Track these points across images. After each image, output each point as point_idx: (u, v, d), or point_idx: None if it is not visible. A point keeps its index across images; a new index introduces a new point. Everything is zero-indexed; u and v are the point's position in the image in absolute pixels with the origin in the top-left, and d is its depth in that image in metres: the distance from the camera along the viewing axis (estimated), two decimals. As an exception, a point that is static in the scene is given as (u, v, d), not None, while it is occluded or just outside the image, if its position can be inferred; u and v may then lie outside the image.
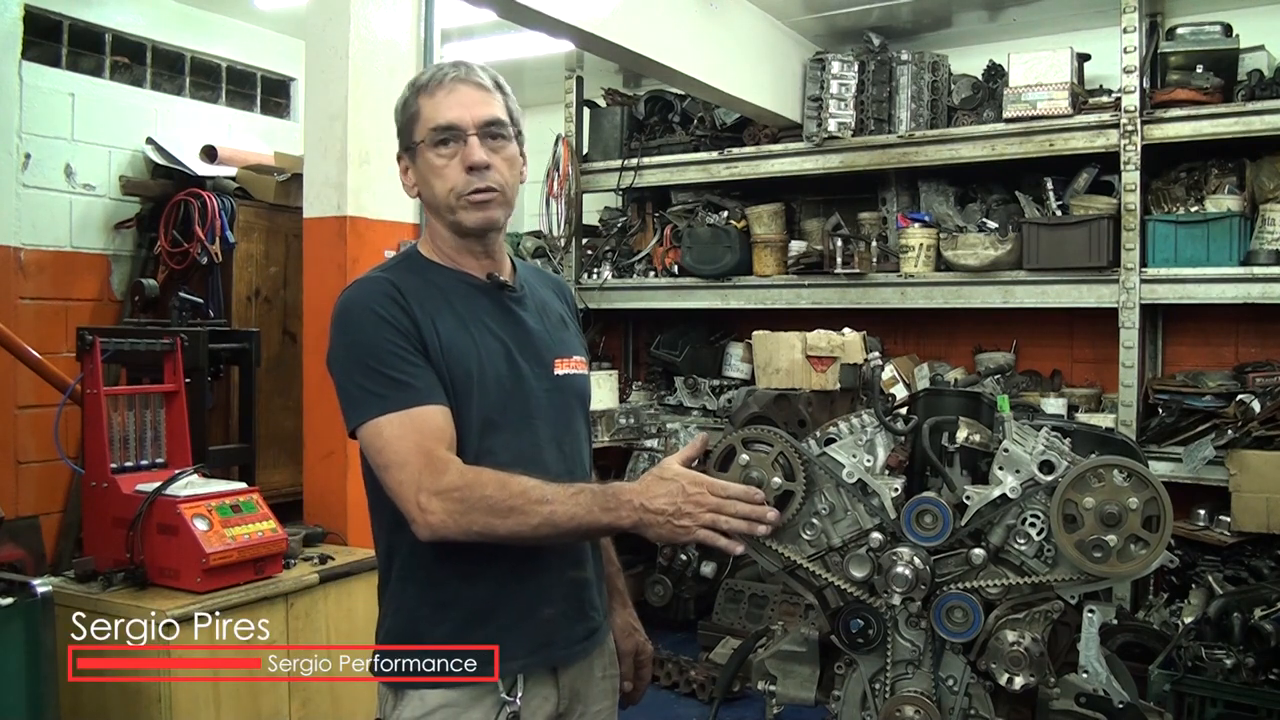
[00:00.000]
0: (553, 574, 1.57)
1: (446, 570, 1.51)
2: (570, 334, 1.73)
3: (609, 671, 1.73)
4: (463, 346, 1.53)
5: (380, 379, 1.46)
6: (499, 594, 1.53)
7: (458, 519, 1.40)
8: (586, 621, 1.65)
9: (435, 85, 1.57)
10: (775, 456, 2.03)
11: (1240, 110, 3.88)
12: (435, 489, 1.40)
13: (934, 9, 4.63)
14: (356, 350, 1.49)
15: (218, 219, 4.41)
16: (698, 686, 4.00)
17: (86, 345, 2.82)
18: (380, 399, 1.45)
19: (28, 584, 2.32)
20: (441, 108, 1.55)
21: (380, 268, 1.63)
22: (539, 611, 1.55)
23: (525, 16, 3.42)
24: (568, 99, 5.49)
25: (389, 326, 1.48)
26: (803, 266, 4.92)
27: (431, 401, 1.47)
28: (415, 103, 1.58)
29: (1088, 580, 1.85)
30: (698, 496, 1.42)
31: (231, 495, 2.74)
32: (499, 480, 1.42)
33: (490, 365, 1.54)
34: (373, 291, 1.53)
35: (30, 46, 4.28)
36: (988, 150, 4.42)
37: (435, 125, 1.55)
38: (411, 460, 1.42)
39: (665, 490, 1.42)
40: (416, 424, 1.44)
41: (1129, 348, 4.10)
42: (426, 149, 1.56)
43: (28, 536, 3.15)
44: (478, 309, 1.59)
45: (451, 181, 1.55)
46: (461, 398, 1.51)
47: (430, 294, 1.55)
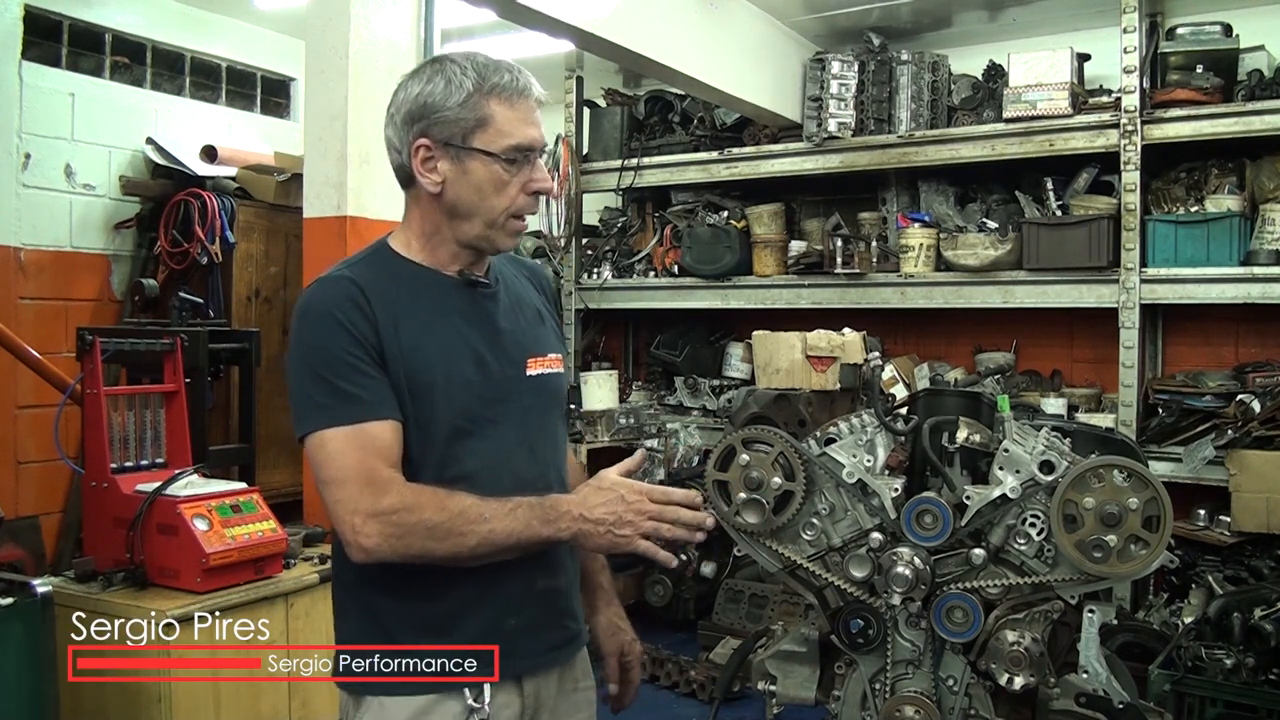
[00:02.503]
0: (520, 583, 1.52)
1: (408, 580, 1.46)
2: (546, 330, 1.66)
3: (583, 684, 1.68)
4: (428, 349, 1.47)
5: (329, 389, 1.41)
6: (462, 606, 1.48)
7: (394, 543, 1.36)
8: (560, 630, 1.60)
9: (517, 95, 1.48)
10: (775, 456, 2.03)
11: (1240, 110, 3.88)
12: (372, 511, 1.36)
13: (934, 9, 4.63)
14: (311, 356, 1.44)
15: (218, 219, 4.42)
16: (698, 686, 4.00)
17: (86, 345, 2.82)
18: (328, 410, 1.40)
19: (28, 584, 2.32)
20: (525, 125, 1.48)
21: (346, 263, 1.56)
22: (504, 622, 1.50)
23: (525, 16, 3.42)
24: (568, 99, 5.49)
25: (345, 333, 1.42)
26: (803, 266, 4.92)
27: (379, 416, 1.41)
28: (488, 105, 1.46)
29: (1088, 580, 1.85)
30: (637, 505, 1.40)
31: (231, 495, 2.74)
32: (438, 502, 1.37)
33: (458, 368, 1.49)
34: (333, 293, 1.46)
35: (30, 46, 4.29)
36: (988, 150, 4.42)
37: (518, 144, 1.47)
38: (350, 479, 1.38)
39: (604, 500, 1.40)
40: (362, 440, 1.39)
41: (1129, 348, 4.10)
42: (494, 161, 1.46)
43: (28, 536, 3.16)
44: (447, 308, 1.52)
45: (512, 200, 1.49)
46: (425, 403, 1.45)
47: (397, 293, 1.49)
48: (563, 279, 5.55)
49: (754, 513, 2.03)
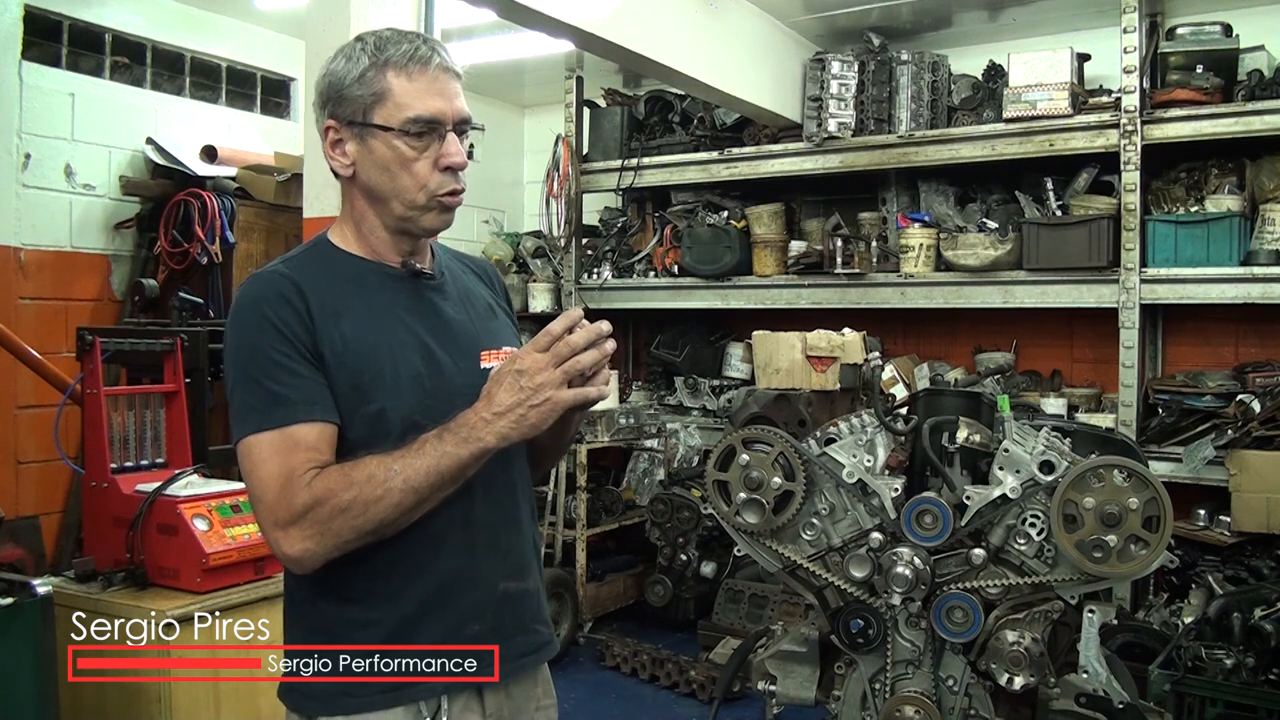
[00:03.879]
0: (483, 588, 1.45)
1: (364, 587, 1.40)
2: (500, 323, 1.57)
3: (545, 702, 1.57)
4: (371, 344, 1.40)
5: (258, 391, 1.34)
6: (422, 612, 1.41)
7: (320, 541, 1.30)
8: (529, 635, 1.52)
9: (415, 66, 1.39)
10: (775, 456, 2.03)
11: (1240, 110, 3.89)
12: (288, 518, 1.30)
13: (934, 9, 4.63)
14: (241, 355, 1.37)
15: (218, 219, 4.42)
16: (698, 686, 4.00)
17: (86, 345, 2.81)
18: (256, 414, 1.34)
19: (28, 584, 2.32)
20: (424, 96, 1.39)
21: (284, 258, 1.49)
22: (466, 628, 1.43)
23: (525, 16, 3.42)
24: (568, 99, 5.50)
25: (274, 331, 1.35)
26: (803, 266, 4.92)
27: (308, 418, 1.34)
28: (384, 78, 1.38)
29: (1088, 580, 1.85)
30: (534, 369, 1.28)
31: (231, 495, 2.73)
32: (343, 478, 1.29)
33: (405, 362, 1.41)
34: (265, 290, 1.39)
35: (30, 46, 4.29)
36: (988, 150, 4.42)
37: (416, 116, 1.38)
38: (268, 491, 1.31)
39: (504, 386, 1.29)
40: (286, 444, 1.32)
41: (1129, 348, 4.10)
42: (395, 137, 1.38)
43: (28, 536, 3.16)
44: (392, 301, 1.45)
45: (424, 179, 1.40)
46: (372, 398, 1.38)
47: (337, 288, 1.42)
48: (563, 279, 5.55)
49: (754, 513, 2.03)
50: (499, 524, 1.48)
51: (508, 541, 1.49)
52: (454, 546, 1.42)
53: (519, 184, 6.58)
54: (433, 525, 1.37)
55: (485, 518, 1.46)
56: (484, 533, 1.46)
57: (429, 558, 1.41)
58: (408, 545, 1.38)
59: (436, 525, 1.38)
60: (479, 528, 1.45)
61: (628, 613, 4.92)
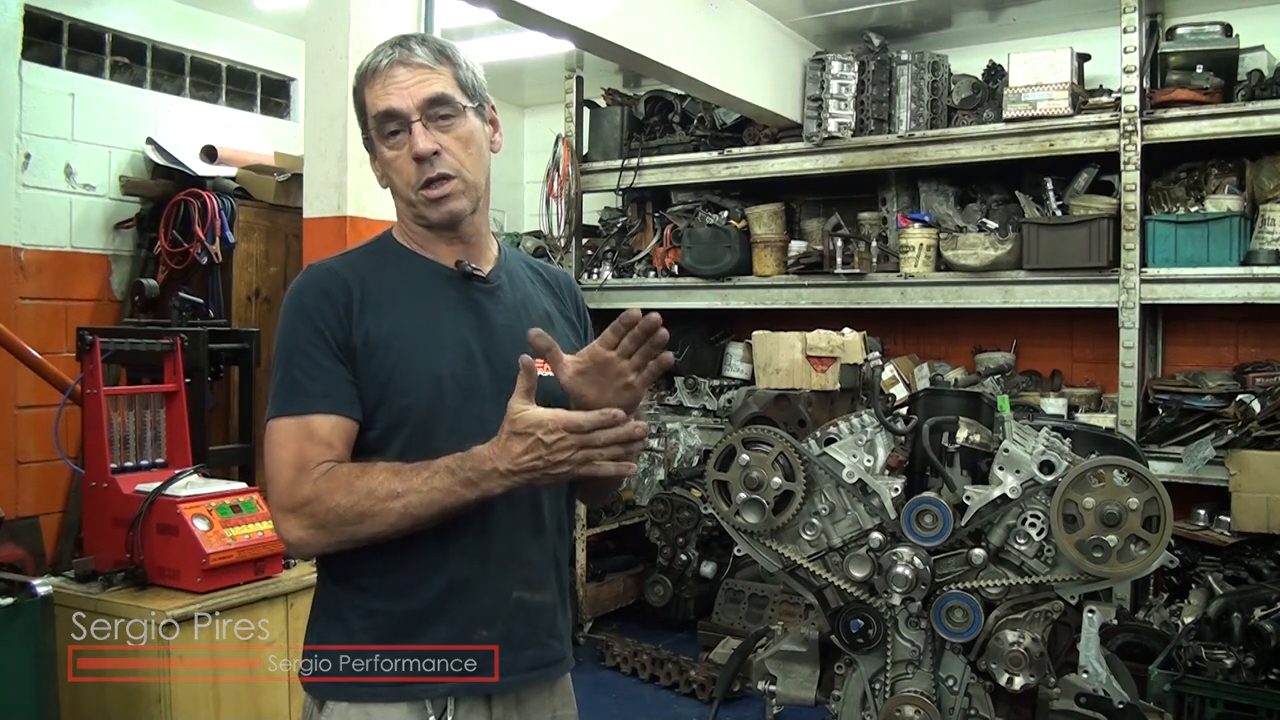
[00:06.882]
0: (495, 594, 1.45)
1: (378, 579, 1.43)
2: (557, 334, 1.53)
3: (562, 712, 1.57)
4: (409, 340, 1.42)
5: (286, 379, 1.40)
6: (430, 607, 1.42)
7: (315, 534, 1.35)
8: (542, 649, 1.50)
9: (375, 73, 1.46)
10: (775, 456, 2.03)
11: (1240, 110, 3.88)
12: (290, 506, 1.35)
13: (934, 9, 4.63)
14: (280, 341, 1.44)
15: (218, 219, 4.42)
16: (698, 686, 4.00)
17: (86, 345, 2.82)
18: (282, 400, 1.40)
19: (28, 584, 2.32)
20: (381, 96, 1.44)
21: (344, 252, 1.57)
22: (474, 632, 1.43)
23: (525, 16, 3.42)
24: (568, 99, 5.49)
25: (308, 322, 1.41)
26: (803, 266, 4.92)
27: (321, 410, 1.38)
28: (364, 92, 1.47)
29: (1088, 580, 1.85)
30: (560, 443, 1.28)
31: (231, 495, 2.74)
32: (347, 484, 1.33)
33: (441, 361, 1.43)
34: (309, 283, 1.46)
35: (30, 46, 4.28)
36: (988, 150, 4.42)
37: (375, 115, 1.45)
38: (280, 475, 1.37)
39: (524, 446, 1.29)
40: (303, 432, 1.37)
41: (1129, 348, 4.10)
42: (378, 141, 1.47)
43: (28, 536, 3.15)
44: (440, 300, 1.48)
45: (408, 175, 1.45)
46: (402, 394, 1.41)
47: (388, 283, 1.46)
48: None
49: (754, 513, 2.03)
50: (520, 532, 1.48)
51: (527, 551, 1.49)
52: (467, 550, 1.43)
53: (519, 184, 6.58)
54: (446, 527, 1.38)
55: (504, 525, 1.45)
56: (502, 540, 1.45)
57: (440, 558, 1.42)
58: (421, 543, 1.39)
59: (450, 527, 1.38)
60: (497, 534, 1.44)
61: (628, 613, 4.92)
